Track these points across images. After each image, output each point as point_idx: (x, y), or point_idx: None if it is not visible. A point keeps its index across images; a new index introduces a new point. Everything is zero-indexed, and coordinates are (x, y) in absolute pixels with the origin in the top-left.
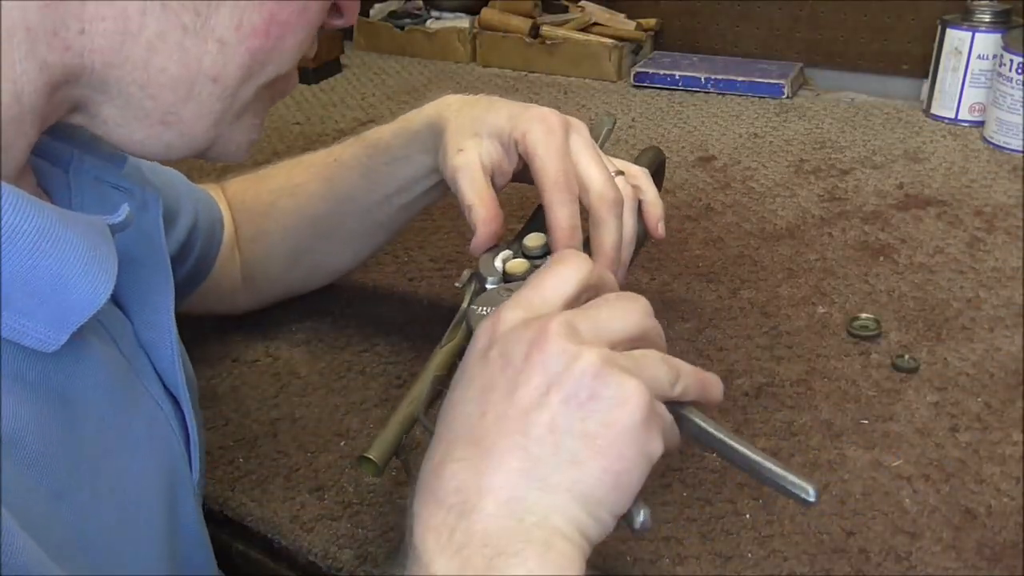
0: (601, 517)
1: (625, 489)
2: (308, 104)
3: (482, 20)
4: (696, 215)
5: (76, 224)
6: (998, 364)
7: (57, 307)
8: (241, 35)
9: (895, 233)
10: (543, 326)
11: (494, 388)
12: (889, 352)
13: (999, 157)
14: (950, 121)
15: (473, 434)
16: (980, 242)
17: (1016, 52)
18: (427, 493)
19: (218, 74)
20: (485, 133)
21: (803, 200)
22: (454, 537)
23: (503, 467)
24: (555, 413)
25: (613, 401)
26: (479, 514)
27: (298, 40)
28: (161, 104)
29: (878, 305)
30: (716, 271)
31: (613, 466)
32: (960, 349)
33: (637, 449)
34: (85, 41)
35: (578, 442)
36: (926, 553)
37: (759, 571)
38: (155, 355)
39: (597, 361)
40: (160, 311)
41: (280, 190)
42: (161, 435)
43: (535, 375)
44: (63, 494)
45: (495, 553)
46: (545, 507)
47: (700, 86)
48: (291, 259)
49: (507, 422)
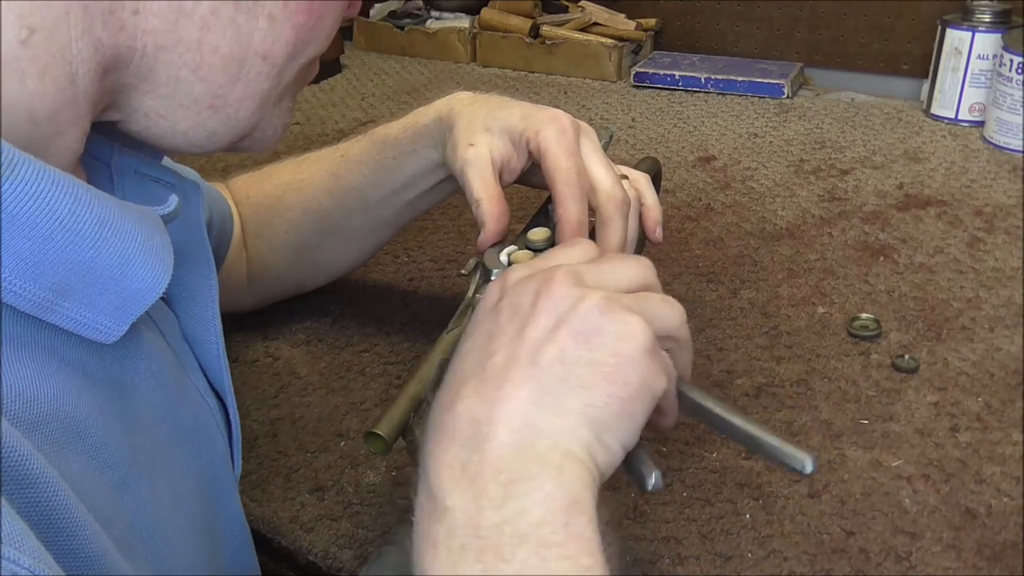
0: (609, 444)
1: (630, 416)
2: (308, 104)
3: (482, 20)
4: (696, 215)
5: (133, 214)
6: (998, 364)
7: (117, 297)
8: (288, 11)
9: (895, 233)
10: (549, 274)
11: (503, 332)
12: (889, 352)
13: (999, 157)
14: (950, 121)
15: (484, 372)
16: (980, 242)
17: (1016, 52)
18: (439, 432)
19: (268, 51)
20: (497, 129)
21: (803, 200)
22: (468, 469)
23: (515, 396)
24: (563, 346)
25: (618, 334)
26: (492, 443)
27: (335, 19)
28: (211, 86)
29: (878, 305)
30: (716, 271)
31: (619, 392)
32: (960, 349)
33: (641, 378)
34: (139, 21)
35: (586, 370)
36: (926, 553)
37: (759, 571)
38: (200, 349)
39: (602, 300)
40: (205, 305)
41: (286, 185)
42: (205, 429)
43: (543, 315)
44: (125, 485)
45: (510, 479)
46: (557, 431)
47: (700, 86)
48: (295, 254)
49: (517, 357)
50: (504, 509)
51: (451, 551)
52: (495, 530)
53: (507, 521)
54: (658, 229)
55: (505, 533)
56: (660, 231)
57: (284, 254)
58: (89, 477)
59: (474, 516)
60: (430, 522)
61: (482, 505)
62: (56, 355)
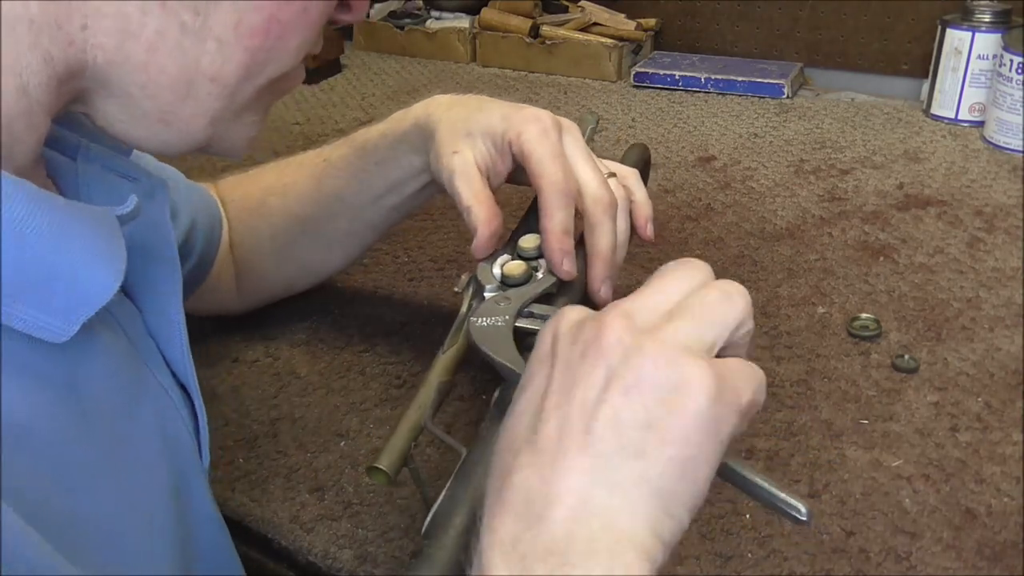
0: (675, 512)
1: (695, 478)
2: (308, 104)
3: (482, 20)
4: (696, 215)
5: (85, 216)
6: (998, 364)
7: (67, 299)
8: (239, 34)
9: (895, 233)
10: (599, 321)
11: (553, 392)
12: (889, 352)
13: (999, 157)
14: (950, 121)
15: (537, 440)
16: (980, 242)
17: (1016, 52)
18: (497, 501)
19: (216, 74)
20: (478, 133)
21: (803, 200)
22: (518, 547)
23: (569, 471)
24: (616, 407)
25: (674, 386)
26: (547, 523)
27: (300, 40)
28: (160, 104)
29: (878, 305)
30: (716, 271)
31: (680, 453)
32: (960, 349)
33: (704, 433)
34: (88, 36)
35: (641, 433)
36: (926, 553)
37: (759, 571)
38: (164, 344)
39: (655, 347)
40: (169, 300)
41: (270, 188)
42: (170, 423)
43: (594, 371)
44: (76, 483)
45: (560, 563)
46: (613, 509)
47: (700, 86)
48: (280, 257)
49: (569, 423)
50: None
51: None
52: None
53: None
54: (648, 226)
55: None
56: (651, 228)
57: (269, 257)
58: (35, 475)
59: None
60: None
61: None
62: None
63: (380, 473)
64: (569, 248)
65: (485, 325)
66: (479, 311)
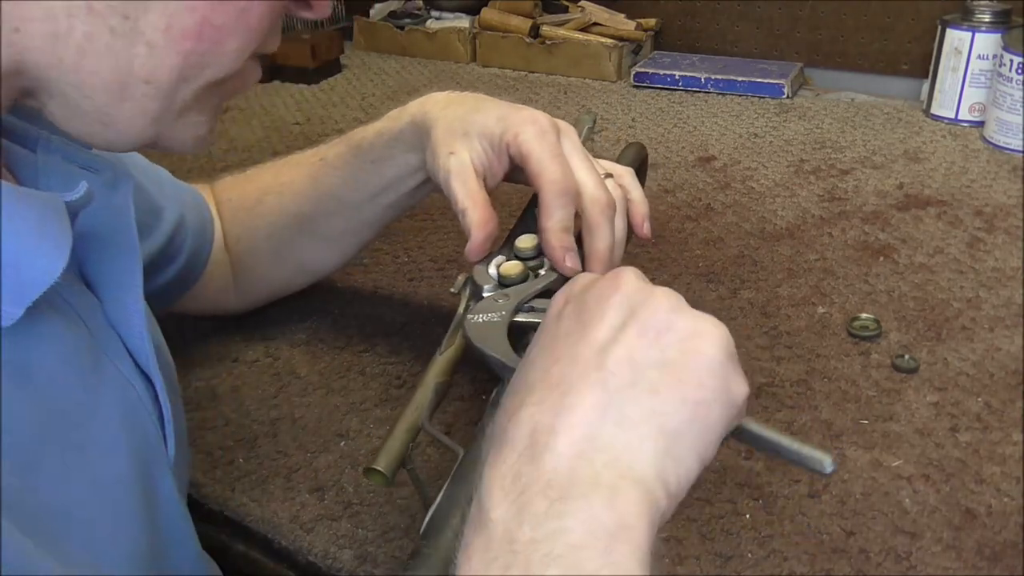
0: (681, 455)
1: (705, 423)
2: (308, 104)
3: (482, 20)
4: (696, 215)
5: (32, 201)
6: (998, 364)
7: (12, 282)
8: (171, 38)
9: (895, 233)
10: (618, 274)
11: (568, 334)
12: (889, 352)
13: (999, 157)
14: (950, 121)
15: (549, 378)
16: (980, 242)
17: (1016, 52)
18: (501, 440)
19: (150, 76)
20: (475, 134)
21: (803, 200)
22: (519, 480)
23: (580, 404)
24: (632, 346)
25: (691, 331)
26: (550, 454)
27: (239, 42)
28: (97, 104)
29: (878, 305)
30: (716, 271)
31: (693, 395)
32: (960, 349)
33: (717, 381)
34: (22, 39)
35: (656, 371)
36: (926, 553)
37: (759, 571)
38: (124, 333)
39: (672, 296)
40: (128, 289)
41: (266, 187)
42: (132, 412)
43: (610, 311)
44: (32, 465)
45: (559, 495)
46: (620, 444)
47: (700, 86)
48: (277, 256)
49: (583, 360)
50: (544, 526)
51: (483, 563)
52: (529, 546)
53: (543, 539)
54: (645, 224)
55: (539, 551)
56: (647, 226)
57: (266, 255)
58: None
59: (513, 530)
60: (472, 532)
61: (523, 519)
62: None
63: (377, 474)
64: (570, 244)
65: (481, 321)
66: (476, 308)
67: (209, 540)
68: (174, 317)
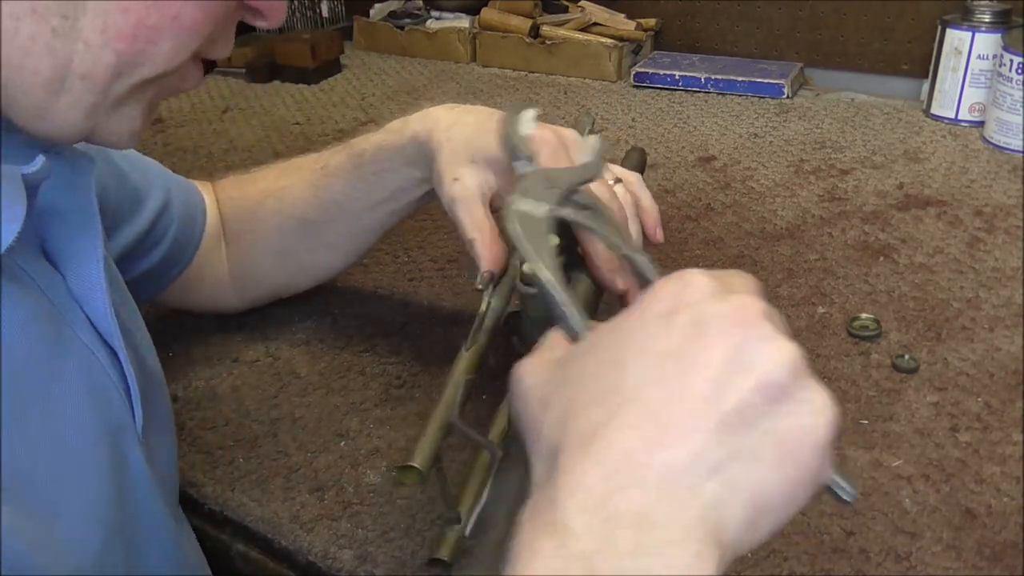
0: (761, 528)
1: (793, 503)
2: (308, 104)
3: (482, 20)
4: (696, 215)
5: None
6: (998, 364)
7: None
8: (106, 38)
9: (895, 233)
10: (745, 304)
11: (682, 357)
12: (889, 352)
13: (999, 157)
14: (950, 121)
15: (649, 401)
16: (980, 242)
17: (1016, 52)
18: (582, 447)
19: (87, 72)
20: (481, 160)
21: (803, 200)
22: (607, 505)
23: (684, 446)
24: (748, 401)
25: (809, 407)
26: (641, 489)
27: (173, 43)
28: (35, 100)
29: (878, 305)
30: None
31: (793, 474)
32: (960, 349)
33: (817, 464)
34: None
35: (766, 438)
36: (926, 553)
37: (759, 571)
38: (88, 306)
39: (799, 359)
40: (89, 262)
41: (267, 192)
42: (97, 380)
43: (731, 351)
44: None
45: (646, 537)
46: (717, 502)
47: (700, 86)
48: (279, 259)
49: (692, 396)
50: (626, 562)
51: (550, 567)
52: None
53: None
54: (658, 230)
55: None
56: (660, 232)
57: (267, 257)
58: None
59: (592, 553)
60: (543, 531)
61: (605, 547)
62: None
63: (412, 472)
64: (616, 264)
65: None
66: (519, 187)
67: (209, 540)
68: (175, 316)
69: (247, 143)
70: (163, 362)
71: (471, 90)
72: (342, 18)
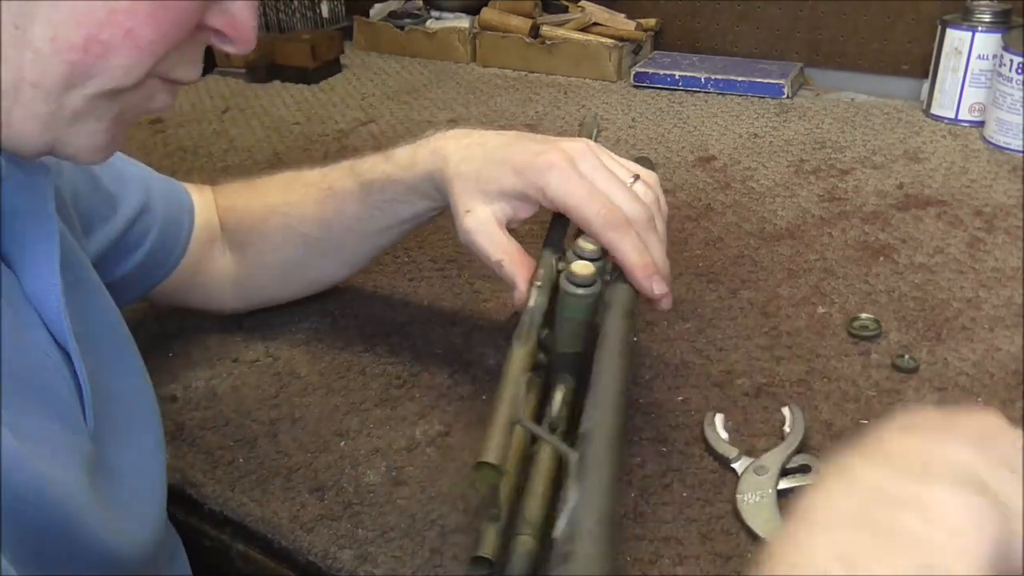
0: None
1: None
2: (308, 104)
3: (482, 20)
4: (696, 215)
5: None
6: (998, 364)
7: None
8: (56, 48)
9: (895, 233)
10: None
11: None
12: (889, 352)
13: (999, 157)
14: (950, 121)
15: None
16: (980, 242)
17: (1016, 52)
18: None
19: (37, 80)
20: (494, 194)
21: (803, 200)
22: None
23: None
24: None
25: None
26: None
27: (127, 60)
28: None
29: (878, 305)
30: (716, 271)
31: None
32: (960, 349)
33: None
34: None
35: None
36: None
37: None
38: (42, 308)
39: None
40: (43, 263)
41: (272, 207)
42: (50, 382)
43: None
44: None
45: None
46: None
47: (700, 86)
48: (283, 272)
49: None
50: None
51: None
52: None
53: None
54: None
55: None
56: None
57: (271, 269)
58: None
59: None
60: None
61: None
62: None
63: (489, 469)
64: (654, 271)
65: (753, 503)
66: (742, 487)
67: (209, 540)
68: (175, 316)
69: (247, 143)
70: (163, 362)
71: (471, 90)
72: (342, 18)
